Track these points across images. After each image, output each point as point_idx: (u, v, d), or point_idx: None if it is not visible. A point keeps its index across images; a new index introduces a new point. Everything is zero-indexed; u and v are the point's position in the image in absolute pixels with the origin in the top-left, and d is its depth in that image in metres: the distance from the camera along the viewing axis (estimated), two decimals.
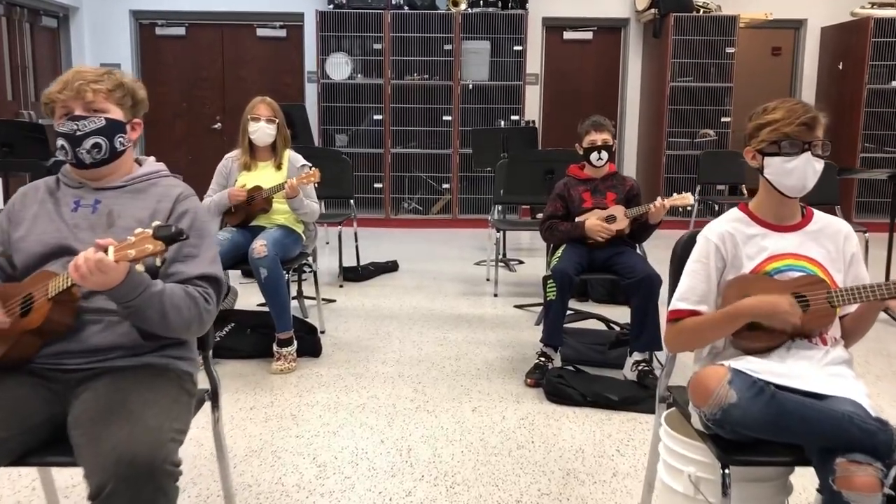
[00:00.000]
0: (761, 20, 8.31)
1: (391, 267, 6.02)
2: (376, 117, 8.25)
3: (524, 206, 7.64)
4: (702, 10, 8.22)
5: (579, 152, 3.91)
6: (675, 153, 8.23)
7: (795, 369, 1.86)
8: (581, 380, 3.43)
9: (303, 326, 4.01)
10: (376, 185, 8.32)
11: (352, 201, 5.80)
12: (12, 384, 1.76)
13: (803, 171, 1.93)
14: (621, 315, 4.49)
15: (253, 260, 3.62)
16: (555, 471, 2.72)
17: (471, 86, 8.18)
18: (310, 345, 3.90)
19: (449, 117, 8.20)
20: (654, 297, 3.49)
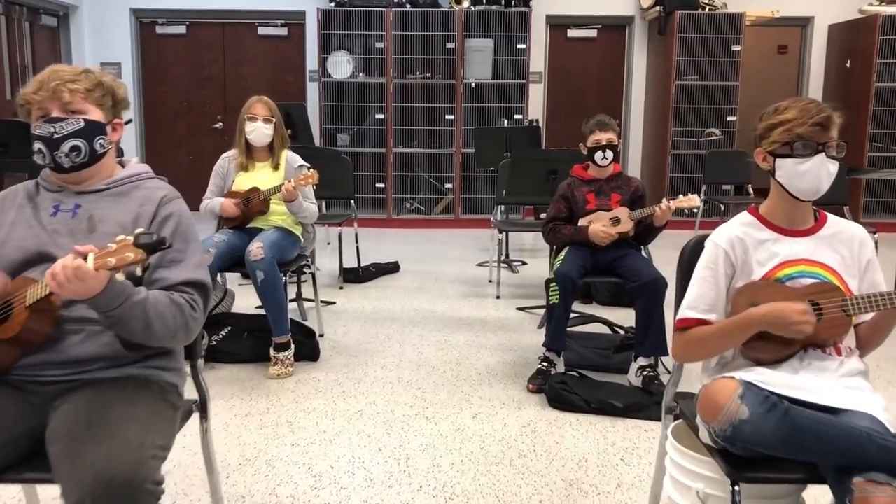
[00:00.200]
0: (768, 18, 8.22)
1: (392, 268, 5.94)
2: (378, 116, 8.18)
3: (527, 206, 7.56)
4: (707, 7, 8.13)
5: (583, 152, 3.82)
6: (681, 153, 8.15)
7: (809, 381, 1.77)
8: (584, 386, 3.35)
9: (301, 330, 3.94)
10: (378, 185, 8.25)
11: (352, 201, 5.72)
12: None
13: (817, 173, 1.84)
14: (626, 318, 4.41)
15: (249, 262, 3.55)
16: (557, 481, 2.63)
17: (473, 84, 8.10)
18: (308, 349, 3.82)
19: (451, 116, 8.12)
20: (659, 300, 3.42)
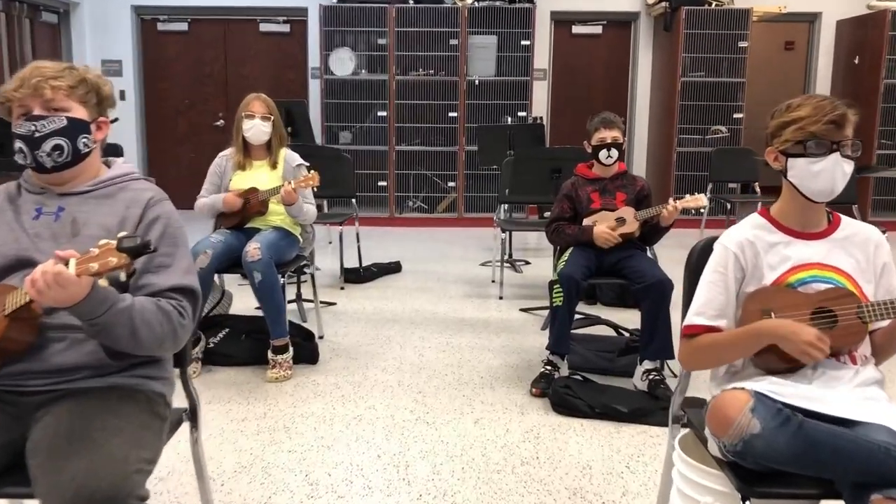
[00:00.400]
0: (775, 13, 8.12)
1: (394, 268, 5.87)
2: (381, 114, 8.10)
3: (531, 205, 7.49)
4: (714, 3, 8.03)
5: (588, 150, 3.75)
6: (687, 150, 8.06)
7: (823, 392, 1.69)
8: (589, 390, 3.27)
9: (300, 332, 3.87)
10: (380, 184, 8.18)
11: (353, 200, 5.66)
12: None
13: (831, 173, 1.76)
14: (631, 319, 4.33)
15: (246, 263, 3.48)
16: (561, 490, 2.56)
17: (477, 81, 8.02)
18: (307, 351, 3.76)
19: (455, 114, 8.04)
20: (665, 302, 3.34)
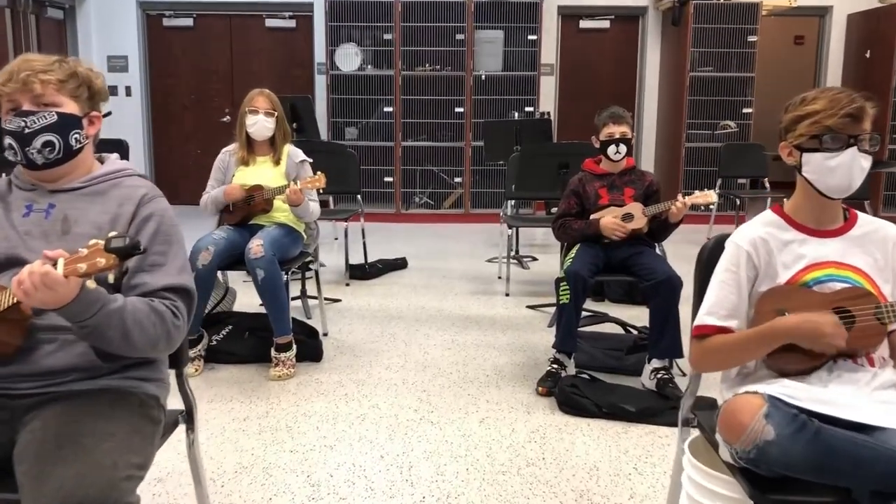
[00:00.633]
0: (784, 7, 8.02)
1: (400, 264, 5.82)
2: (387, 109, 8.04)
3: (538, 200, 7.41)
4: None
5: (596, 146, 3.68)
6: (695, 146, 7.98)
7: (839, 395, 1.63)
8: (596, 389, 3.22)
9: (303, 329, 3.83)
10: (387, 180, 8.12)
11: (359, 196, 5.61)
12: None
13: (848, 168, 1.70)
14: (638, 316, 4.27)
15: (249, 260, 3.43)
16: (567, 492, 2.51)
17: (484, 76, 7.95)
18: (310, 349, 3.71)
19: (461, 109, 7.98)
20: (675, 300, 3.28)
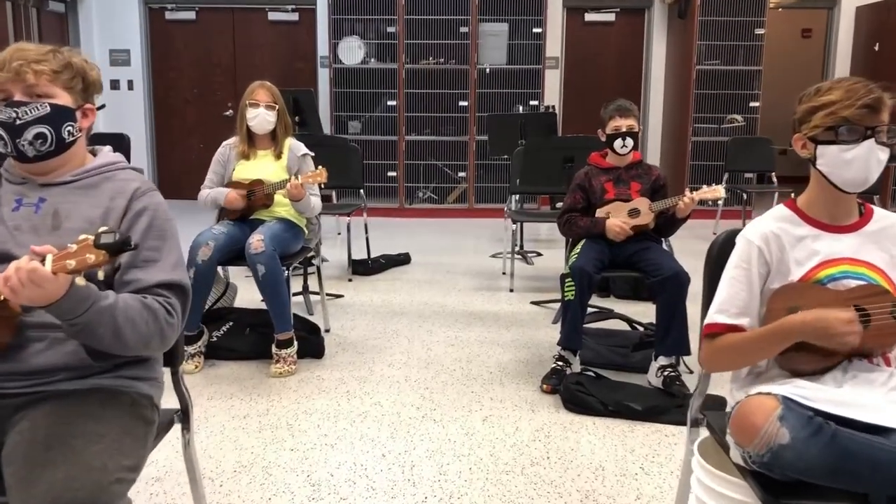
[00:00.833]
0: (792, 0, 7.93)
1: (403, 260, 5.77)
2: (390, 103, 7.99)
3: (543, 195, 7.36)
4: None
5: (602, 139, 3.63)
6: (702, 140, 7.92)
7: (854, 396, 1.57)
8: (601, 387, 3.16)
9: (304, 326, 3.78)
10: (390, 174, 8.07)
11: (362, 191, 5.56)
12: None
13: (865, 161, 1.64)
14: (644, 312, 4.22)
15: (250, 256, 3.39)
16: (572, 492, 2.46)
17: (488, 70, 7.89)
18: (312, 346, 3.66)
19: (465, 103, 7.91)
20: (682, 296, 3.23)
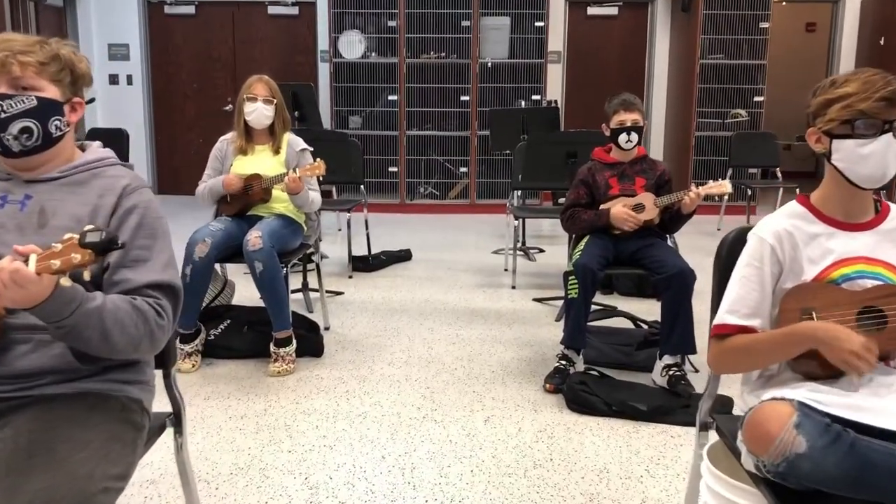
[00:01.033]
0: None
1: (404, 256, 5.71)
2: (391, 98, 7.92)
3: (545, 191, 7.30)
4: None
5: (606, 134, 3.56)
6: (705, 134, 7.85)
7: (870, 401, 1.51)
8: (605, 386, 3.11)
9: (303, 324, 3.72)
10: (391, 169, 8.00)
11: (362, 186, 5.50)
12: None
13: (882, 156, 1.58)
14: (649, 310, 4.16)
15: (247, 252, 3.33)
16: (576, 495, 2.40)
17: (490, 64, 7.81)
18: (311, 344, 3.61)
19: (467, 97, 7.84)
20: (687, 293, 3.17)
